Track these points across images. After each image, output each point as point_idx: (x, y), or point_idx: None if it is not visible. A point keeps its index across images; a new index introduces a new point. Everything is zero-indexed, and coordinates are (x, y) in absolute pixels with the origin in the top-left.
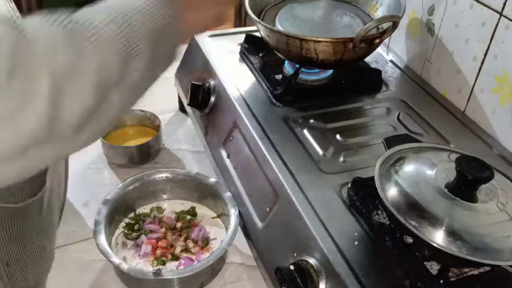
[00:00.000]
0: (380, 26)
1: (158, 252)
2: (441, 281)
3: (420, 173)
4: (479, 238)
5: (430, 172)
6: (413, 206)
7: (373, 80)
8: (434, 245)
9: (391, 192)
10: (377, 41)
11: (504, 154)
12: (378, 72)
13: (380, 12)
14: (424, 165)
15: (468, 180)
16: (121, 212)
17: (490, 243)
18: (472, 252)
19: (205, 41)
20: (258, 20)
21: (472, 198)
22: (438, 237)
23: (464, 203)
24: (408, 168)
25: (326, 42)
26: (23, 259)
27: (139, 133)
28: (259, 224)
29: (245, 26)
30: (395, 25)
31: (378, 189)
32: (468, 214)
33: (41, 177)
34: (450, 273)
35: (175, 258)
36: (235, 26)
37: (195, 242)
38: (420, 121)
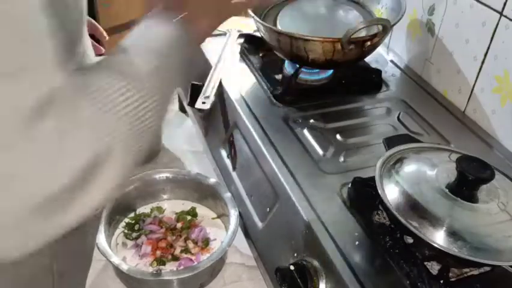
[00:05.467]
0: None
1: (158, 252)
2: (442, 281)
3: (421, 174)
4: (479, 238)
5: (431, 172)
6: (414, 206)
7: (373, 80)
8: (435, 245)
9: (392, 193)
10: (369, 43)
11: (504, 154)
12: (378, 72)
13: (384, 16)
14: (425, 165)
15: (469, 181)
16: (121, 212)
17: (490, 243)
18: (473, 253)
19: (205, 40)
20: (252, 15)
21: (473, 199)
22: (439, 238)
23: (464, 203)
24: (409, 168)
25: (315, 41)
26: (72, 270)
27: None
28: (259, 224)
29: None
30: (385, 29)
31: (378, 189)
32: (469, 214)
33: None
34: (450, 274)
35: (175, 258)
36: None
37: (195, 242)
38: (420, 121)
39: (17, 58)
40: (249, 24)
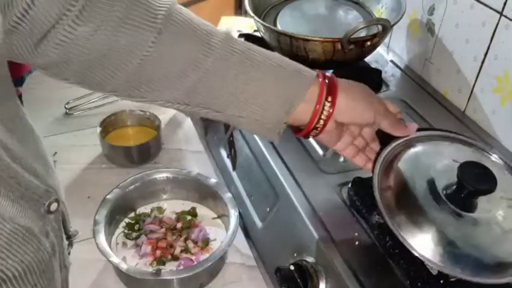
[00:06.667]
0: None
1: (158, 252)
2: (441, 281)
3: (420, 173)
4: (473, 249)
5: (430, 173)
6: (407, 211)
7: (373, 80)
8: (416, 254)
9: (388, 195)
10: (369, 43)
11: (504, 154)
12: (378, 72)
13: (384, 16)
14: (424, 166)
15: (467, 191)
16: (121, 211)
17: (485, 255)
18: (463, 267)
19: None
20: (252, 15)
21: (470, 207)
22: (431, 247)
23: (460, 213)
24: (408, 166)
25: (315, 41)
26: None
27: (139, 133)
28: (259, 224)
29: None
30: (385, 29)
31: (374, 191)
32: (464, 224)
33: None
34: None
35: (175, 258)
36: None
37: (195, 242)
38: (420, 121)
39: None
40: (249, 24)
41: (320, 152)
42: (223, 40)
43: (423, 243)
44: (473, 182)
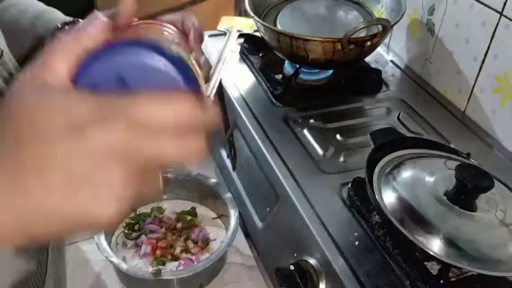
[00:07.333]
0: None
1: (158, 252)
2: (442, 281)
3: (419, 180)
4: (477, 247)
5: (429, 179)
6: (411, 213)
7: (373, 80)
8: (431, 253)
9: (389, 199)
10: (369, 43)
11: (504, 154)
12: (378, 72)
13: (384, 16)
14: (423, 172)
15: (468, 189)
16: None
17: (488, 252)
18: (469, 261)
19: (205, 41)
20: (252, 15)
21: (471, 207)
22: (435, 245)
23: (462, 212)
24: (407, 175)
25: (315, 41)
26: None
27: None
28: (259, 224)
29: None
30: (385, 29)
31: (376, 195)
32: (466, 223)
33: None
34: (450, 273)
35: (175, 258)
36: None
37: (195, 242)
38: (420, 121)
39: None
40: (249, 24)
41: (320, 152)
42: None
43: (426, 240)
44: (473, 180)
